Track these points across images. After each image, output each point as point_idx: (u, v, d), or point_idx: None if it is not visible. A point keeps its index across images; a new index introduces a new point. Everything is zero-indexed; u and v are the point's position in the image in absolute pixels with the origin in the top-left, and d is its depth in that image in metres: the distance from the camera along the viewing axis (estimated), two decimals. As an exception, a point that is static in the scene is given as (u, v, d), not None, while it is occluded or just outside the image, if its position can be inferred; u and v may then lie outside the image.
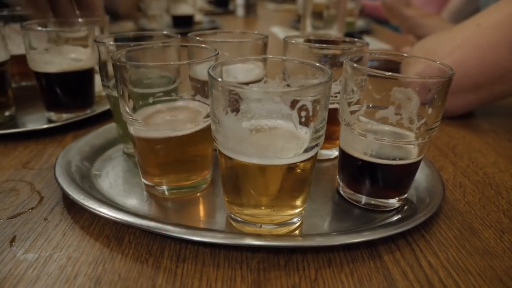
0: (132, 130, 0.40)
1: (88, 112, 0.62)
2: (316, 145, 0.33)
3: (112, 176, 0.45)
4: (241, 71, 0.46)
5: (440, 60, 0.60)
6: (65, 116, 0.61)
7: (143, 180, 0.43)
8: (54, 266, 0.32)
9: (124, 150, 0.51)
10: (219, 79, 0.31)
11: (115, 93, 0.46)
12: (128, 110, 0.39)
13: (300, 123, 0.32)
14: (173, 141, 0.39)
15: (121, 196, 0.42)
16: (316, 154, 0.34)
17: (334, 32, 1.08)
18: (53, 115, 0.61)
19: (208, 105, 0.40)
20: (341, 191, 0.44)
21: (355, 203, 0.42)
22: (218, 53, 0.39)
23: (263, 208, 0.35)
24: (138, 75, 0.39)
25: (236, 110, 0.31)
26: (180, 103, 0.42)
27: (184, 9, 1.43)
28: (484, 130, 0.64)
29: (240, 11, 1.96)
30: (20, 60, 0.67)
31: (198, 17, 1.53)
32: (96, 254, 0.34)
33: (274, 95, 0.30)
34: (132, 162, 0.49)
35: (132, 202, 0.41)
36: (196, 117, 0.40)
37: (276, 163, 0.32)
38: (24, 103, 0.67)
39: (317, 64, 0.35)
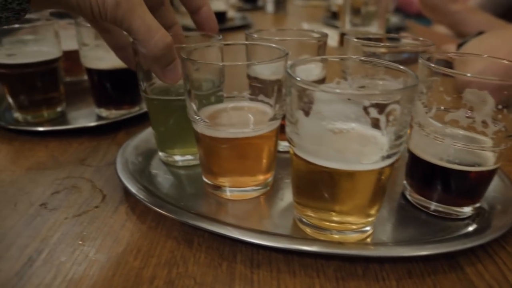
0: (197, 128, 0.39)
1: (137, 109, 0.62)
2: (397, 152, 0.32)
3: (170, 176, 0.45)
4: (302, 70, 0.45)
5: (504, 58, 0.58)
6: (114, 112, 0.61)
7: (205, 180, 0.42)
8: (127, 268, 0.32)
9: (161, 158, 0.48)
10: (299, 79, 0.30)
11: (154, 96, 0.45)
12: (194, 109, 0.38)
13: (383, 127, 0.30)
14: (239, 142, 0.39)
15: (182, 196, 0.41)
16: (395, 161, 0.33)
17: (375, 29, 1.06)
18: (103, 111, 0.62)
19: (272, 105, 0.39)
20: (408, 196, 0.42)
21: (423, 209, 0.40)
22: (287, 54, 0.38)
23: (336, 214, 0.34)
24: (205, 74, 0.39)
25: (316, 111, 0.30)
26: (244, 103, 0.41)
27: (217, 5, 1.42)
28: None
29: (270, 7, 1.94)
30: (67, 56, 0.67)
31: (231, 13, 1.52)
32: (167, 257, 0.33)
33: (364, 98, 0.29)
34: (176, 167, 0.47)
35: (194, 202, 0.40)
36: (262, 119, 0.39)
37: (355, 169, 0.31)
38: (72, 99, 0.67)
39: (401, 67, 0.34)
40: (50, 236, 0.35)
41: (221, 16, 1.44)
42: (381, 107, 0.30)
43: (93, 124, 0.57)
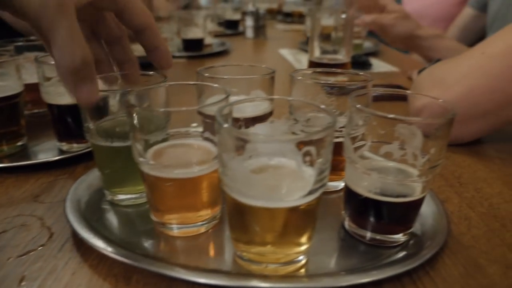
0: (142, 168, 0.40)
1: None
2: (321, 186, 0.34)
3: (120, 213, 0.46)
4: (248, 106, 0.47)
5: (448, 88, 0.62)
6: (76, 146, 0.62)
7: (153, 218, 0.43)
8: (63, 307, 0.33)
9: (108, 198, 0.48)
10: (226, 125, 0.32)
11: (97, 142, 0.45)
12: (140, 150, 0.40)
13: (305, 165, 0.33)
14: (184, 181, 0.40)
15: (130, 232, 0.42)
16: (321, 194, 0.35)
17: (341, 56, 1.09)
18: (64, 145, 0.63)
19: (215, 143, 0.41)
20: (346, 225, 0.44)
21: (360, 239, 0.42)
22: (228, 96, 0.40)
23: (268, 246, 0.36)
24: (150, 116, 0.41)
25: (242, 151, 0.32)
26: (190, 140, 0.42)
27: (194, 33, 1.45)
28: (490, 157, 0.64)
29: (250, 33, 1.99)
30: (33, 88, 0.69)
31: (208, 40, 1.55)
32: (104, 295, 0.34)
33: (281, 142, 0.31)
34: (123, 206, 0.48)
35: (141, 239, 0.41)
36: (208, 158, 0.40)
37: (281, 206, 0.33)
38: (36, 131, 0.68)
39: (322, 106, 0.36)
40: (-9, 277, 0.36)
41: (198, 43, 1.47)
42: (299, 147, 0.32)
43: (50, 159, 0.58)
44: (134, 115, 0.38)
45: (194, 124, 0.42)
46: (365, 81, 0.49)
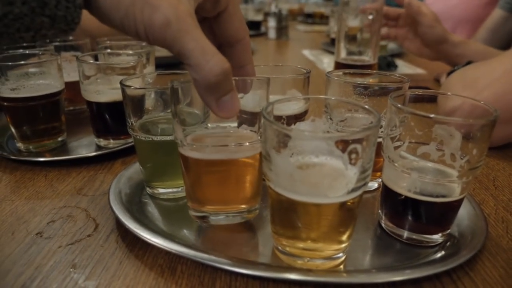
0: (182, 151, 0.41)
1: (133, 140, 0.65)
2: (364, 184, 0.35)
3: (159, 206, 0.48)
4: (286, 104, 0.48)
5: (480, 91, 0.62)
6: (112, 142, 0.65)
7: (190, 207, 0.44)
8: (114, 294, 0.34)
9: (149, 192, 0.50)
10: (273, 122, 0.33)
11: (140, 136, 0.47)
12: (181, 134, 0.40)
13: (349, 163, 0.33)
14: (222, 164, 0.41)
15: (172, 224, 0.44)
16: (363, 191, 0.36)
17: (368, 58, 1.09)
18: (101, 141, 0.65)
19: (256, 132, 0.42)
20: (382, 224, 0.44)
21: (397, 237, 0.43)
22: (269, 80, 0.41)
23: (310, 242, 0.37)
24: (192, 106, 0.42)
25: (286, 147, 0.33)
26: (229, 130, 0.44)
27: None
28: (524, 161, 0.63)
29: (272, 34, 2.00)
30: (70, 87, 0.71)
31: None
32: (151, 284, 0.36)
33: (325, 139, 0.32)
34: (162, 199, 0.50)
35: (182, 231, 0.43)
36: (246, 142, 0.40)
37: (325, 202, 0.34)
38: (74, 128, 0.71)
39: (366, 107, 0.37)
40: (44, 264, 0.38)
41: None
42: (344, 145, 0.32)
43: (90, 154, 0.60)
44: (177, 106, 0.39)
45: (230, 123, 0.43)
46: (402, 82, 0.49)
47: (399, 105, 0.39)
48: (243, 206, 0.44)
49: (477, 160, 0.38)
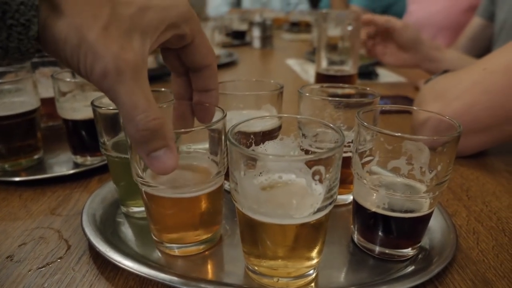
0: (142, 188, 0.41)
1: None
2: (330, 203, 0.35)
3: (133, 226, 0.48)
4: (258, 121, 0.49)
5: (449, 103, 0.63)
6: (90, 159, 0.64)
7: (153, 237, 0.44)
8: (82, 319, 0.34)
9: (123, 210, 0.50)
10: (239, 146, 0.34)
11: (113, 155, 0.47)
12: (139, 171, 0.40)
13: (314, 184, 0.34)
14: (184, 202, 0.41)
15: (145, 245, 0.44)
16: (330, 210, 0.36)
17: (348, 68, 1.11)
18: (78, 158, 0.65)
19: (217, 163, 0.42)
20: (355, 239, 0.45)
21: (369, 252, 0.43)
22: (225, 115, 0.41)
23: (279, 260, 0.37)
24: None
25: (253, 168, 0.33)
26: (189, 161, 0.43)
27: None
28: (498, 170, 0.64)
29: (257, 43, 2.01)
30: (48, 102, 0.71)
31: (216, 51, 1.58)
32: (121, 307, 0.35)
33: (290, 162, 0.33)
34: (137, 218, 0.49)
35: (155, 252, 0.43)
36: (207, 177, 0.41)
37: (291, 223, 0.34)
38: (52, 144, 0.70)
39: (331, 125, 0.37)
40: (13, 289, 0.37)
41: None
42: (308, 166, 0.33)
43: (66, 173, 0.60)
44: None
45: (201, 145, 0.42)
46: (373, 95, 0.50)
47: (365, 124, 0.40)
48: (197, 237, 0.43)
49: (443, 174, 0.39)
